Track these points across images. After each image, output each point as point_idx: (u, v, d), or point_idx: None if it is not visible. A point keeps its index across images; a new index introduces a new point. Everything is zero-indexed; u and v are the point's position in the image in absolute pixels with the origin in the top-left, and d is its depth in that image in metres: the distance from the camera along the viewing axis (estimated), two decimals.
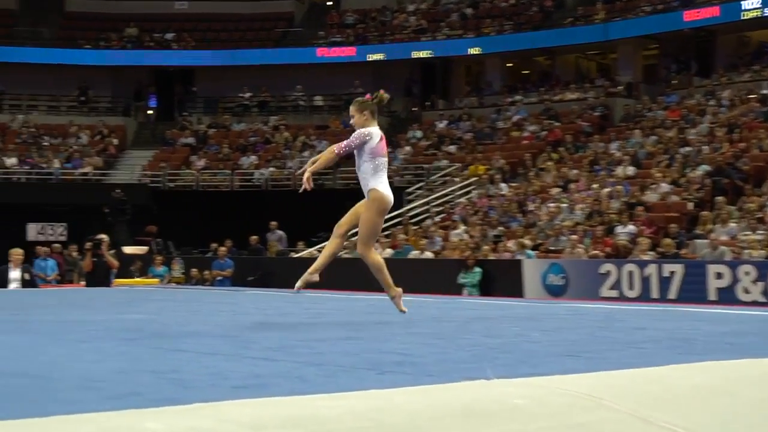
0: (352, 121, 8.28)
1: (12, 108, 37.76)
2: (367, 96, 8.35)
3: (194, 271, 23.20)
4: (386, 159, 8.32)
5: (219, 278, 22.61)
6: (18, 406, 3.61)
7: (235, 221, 28.53)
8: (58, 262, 23.23)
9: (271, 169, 33.11)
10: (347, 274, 20.86)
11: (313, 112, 37.74)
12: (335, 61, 37.21)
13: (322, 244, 25.69)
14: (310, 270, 8.10)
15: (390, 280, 8.31)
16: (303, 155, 33.75)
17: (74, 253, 23.75)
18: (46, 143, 35.17)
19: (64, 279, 22.81)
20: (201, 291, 17.10)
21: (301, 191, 8.18)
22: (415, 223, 25.88)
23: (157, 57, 38.76)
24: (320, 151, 33.90)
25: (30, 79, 37.28)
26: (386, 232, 25.02)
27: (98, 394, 3.90)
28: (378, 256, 8.39)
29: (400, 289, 8.41)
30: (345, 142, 8.24)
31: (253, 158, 33.92)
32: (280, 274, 22.02)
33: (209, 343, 6.17)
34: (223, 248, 24.04)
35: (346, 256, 23.94)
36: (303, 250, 25.62)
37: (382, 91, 8.23)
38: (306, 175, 8.03)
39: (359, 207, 8.33)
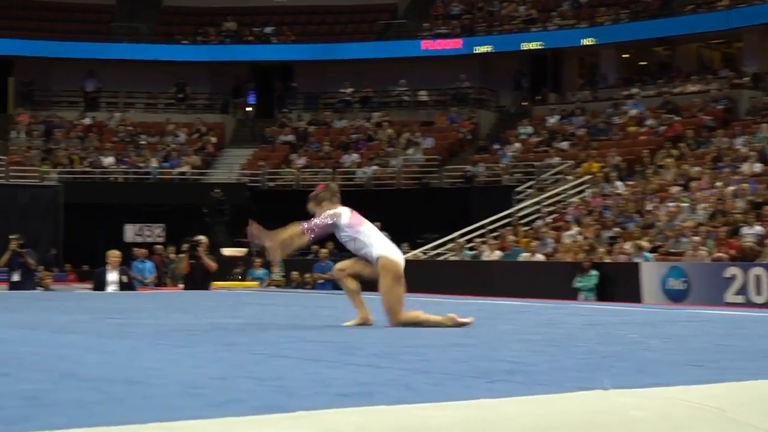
0: (315, 219, 8.44)
1: (109, 106, 38.64)
2: (319, 187, 8.60)
3: (295, 274, 23.41)
4: (369, 224, 8.49)
5: (320, 281, 22.77)
6: (117, 413, 3.69)
7: None
8: (156, 265, 23.68)
9: (374, 167, 33.24)
10: (454, 278, 20.86)
11: (417, 107, 37.77)
12: (440, 54, 37.20)
13: (428, 246, 25.80)
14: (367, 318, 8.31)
15: (435, 318, 8.28)
16: (407, 153, 33.83)
17: (171, 255, 24.17)
18: (143, 142, 35.89)
19: (160, 282, 23.24)
20: (302, 294, 17.25)
21: (273, 262, 8.43)
22: (525, 224, 25.72)
23: (256, 52, 39.23)
24: (425, 149, 34.06)
25: (127, 76, 38.10)
26: (495, 234, 24.93)
27: (198, 401, 3.96)
28: (409, 313, 8.32)
29: (450, 314, 8.29)
30: (312, 221, 8.40)
31: (355, 156, 34.10)
32: None
33: (312, 349, 6.23)
34: (324, 250, 24.19)
35: (454, 258, 23.93)
36: (408, 252, 25.66)
37: (332, 184, 8.57)
38: (273, 250, 8.29)
39: (358, 263, 8.45)
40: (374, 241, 8.32)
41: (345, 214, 8.39)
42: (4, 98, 39.74)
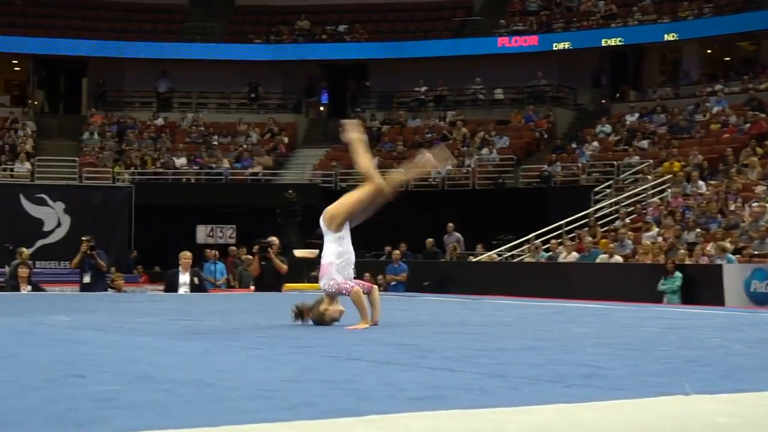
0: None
1: (181, 106, 39.09)
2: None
3: (367, 276, 23.45)
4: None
5: (393, 283, 22.81)
6: (190, 415, 3.73)
7: (409, 223, 28.72)
8: (227, 266, 23.89)
9: (449, 167, 33.18)
10: (529, 280, 20.77)
11: (493, 106, 37.65)
12: (517, 51, 37.04)
13: (503, 247, 25.71)
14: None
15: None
16: (481, 152, 33.73)
17: (243, 257, 24.35)
18: (215, 142, 36.24)
19: (232, 283, 23.44)
20: None
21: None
22: (603, 225, 25.51)
23: (329, 50, 39.40)
24: (500, 148, 33.91)
25: (199, 76, 38.50)
26: (571, 235, 24.77)
27: (270, 403, 3.99)
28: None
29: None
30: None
31: (429, 156, 34.05)
32: (457, 279, 22.07)
33: (384, 352, 6.24)
34: (397, 252, 24.26)
35: (529, 260, 23.81)
36: (482, 254, 25.60)
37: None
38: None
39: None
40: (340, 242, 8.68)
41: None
42: (78, 99, 40.46)
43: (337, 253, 8.30)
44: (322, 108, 41.41)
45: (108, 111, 37.94)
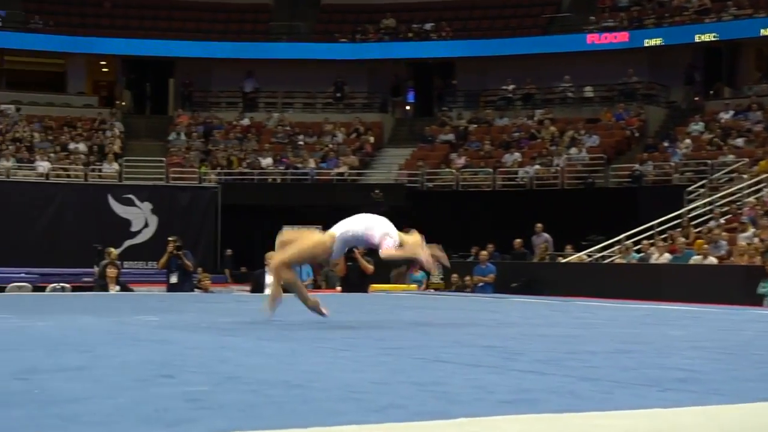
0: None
1: (267, 106, 39.44)
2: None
3: (454, 277, 23.45)
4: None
5: (480, 284, 22.75)
6: (278, 416, 3.76)
7: (497, 223, 28.63)
8: (314, 267, 24.01)
9: (537, 166, 33.02)
10: (620, 282, 20.57)
11: (582, 104, 37.36)
12: (607, 48, 36.71)
13: (593, 248, 25.48)
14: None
15: (306, 292, 8.93)
16: (571, 151, 33.49)
17: None
18: (301, 142, 36.48)
19: (316, 284, 23.59)
20: (461, 298, 17.26)
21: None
22: (696, 225, 25.17)
23: (415, 49, 39.43)
24: (590, 147, 33.62)
25: (285, 75, 38.80)
26: (664, 236, 24.48)
27: (359, 405, 4.01)
28: (291, 272, 8.81)
29: (317, 298, 8.95)
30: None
31: (517, 155, 33.93)
32: (546, 281, 21.95)
33: (472, 354, 6.23)
34: (484, 252, 24.19)
35: (620, 261, 23.58)
36: (571, 255, 25.42)
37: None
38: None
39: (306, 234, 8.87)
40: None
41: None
42: (165, 100, 41.06)
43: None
44: (408, 107, 41.47)
45: (194, 111, 38.44)
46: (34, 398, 4.16)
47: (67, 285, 18.73)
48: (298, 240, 8.75)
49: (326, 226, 8.94)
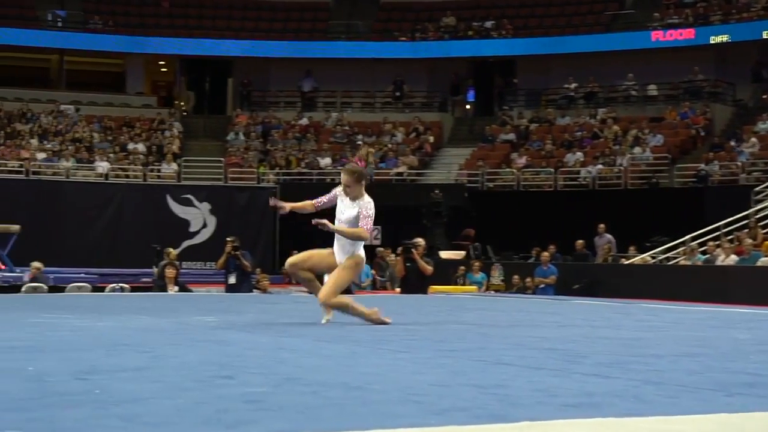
0: (347, 190, 9.18)
1: (326, 105, 39.57)
2: (361, 163, 9.28)
3: (515, 278, 23.39)
4: None
5: (541, 286, 22.68)
6: (338, 418, 3.77)
7: (559, 224, 28.48)
8: (373, 268, 24.06)
9: (599, 166, 32.81)
10: (685, 284, 20.38)
11: (646, 102, 37.06)
12: (672, 46, 36.38)
13: (657, 249, 25.27)
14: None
15: (362, 308, 9.06)
16: (634, 151, 33.24)
17: (388, 258, 24.49)
18: (359, 142, 36.51)
19: (375, 285, 23.62)
20: (522, 300, 17.21)
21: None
22: (764, 226, 24.86)
23: (476, 47, 39.35)
24: (654, 147, 33.34)
25: (344, 74, 38.90)
26: (730, 237, 24.22)
27: (419, 408, 4.01)
28: (341, 297, 9.15)
29: (375, 308, 9.14)
30: (364, 221, 9.12)
31: (579, 155, 33.74)
32: (608, 282, 21.82)
33: (534, 357, 6.21)
34: (546, 253, 24.10)
35: (685, 263, 23.37)
36: (635, 256, 25.23)
37: (367, 148, 8.96)
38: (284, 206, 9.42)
39: (319, 253, 9.31)
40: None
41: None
42: (224, 100, 41.35)
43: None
44: (468, 106, 41.39)
45: (253, 111, 38.67)
46: (95, 398, 4.21)
47: (126, 285, 18.93)
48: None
49: (385, 227, 9.26)
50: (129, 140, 35.81)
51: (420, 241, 18.24)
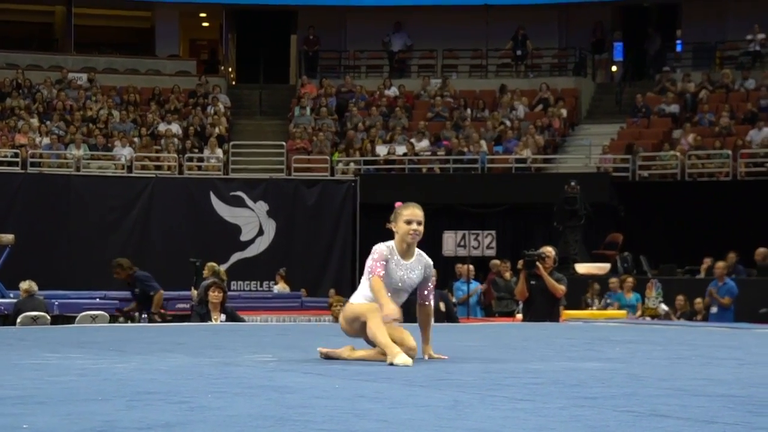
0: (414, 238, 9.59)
1: (422, 70, 39.73)
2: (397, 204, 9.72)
3: (680, 299, 23.20)
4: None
5: (714, 309, 22.47)
6: None
7: (739, 225, 28.24)
8: (486, 286, 24.11)
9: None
10: None
11: None
12: None
13: None
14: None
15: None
16: None
17: (506, 274, 24.44)
18: (467, 119, 36.47)
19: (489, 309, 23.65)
20: (688, 328, 17.06)
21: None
22: None
23: None
24: None
25: (446, 28, 39.03)
26: None
27: None
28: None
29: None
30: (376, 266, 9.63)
31: (767, 132, 33.38)
32: None
33: (703, 406, 6.16)
34: (721, 264, 23.83)
35: None
36: None
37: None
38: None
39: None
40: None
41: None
42: (285, 64, 41.44)
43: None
44: (614, 68, 41.20)
45: (324, 79, 38.78)
46: None
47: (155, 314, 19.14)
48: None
49: (502, 233, 9.28)
50: (159, 119, 36.13)
51: (548, 250, 18.17)
